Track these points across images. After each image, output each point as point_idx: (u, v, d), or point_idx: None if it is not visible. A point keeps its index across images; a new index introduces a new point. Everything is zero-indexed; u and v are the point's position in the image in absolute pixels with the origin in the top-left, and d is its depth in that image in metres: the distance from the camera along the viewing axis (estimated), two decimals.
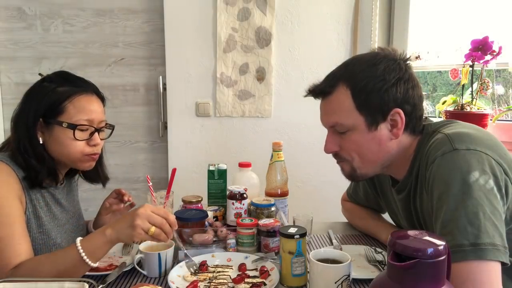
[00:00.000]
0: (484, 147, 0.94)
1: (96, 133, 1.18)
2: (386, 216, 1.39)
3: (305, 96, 1.14)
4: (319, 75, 1.15)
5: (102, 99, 1.24)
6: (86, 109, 1.16)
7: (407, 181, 1.10)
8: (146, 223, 1.00)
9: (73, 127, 1.13)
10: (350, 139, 1.07)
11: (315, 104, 1.15)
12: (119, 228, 1.02)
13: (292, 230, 1.06)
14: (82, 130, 1.15)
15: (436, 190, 0.94)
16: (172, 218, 1.05)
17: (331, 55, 2.44)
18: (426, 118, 1.15)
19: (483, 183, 0.89)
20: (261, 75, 2.44)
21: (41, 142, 1.15)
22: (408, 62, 1.07)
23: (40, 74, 1.21)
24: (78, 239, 1.01)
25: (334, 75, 1.09)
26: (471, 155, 0.92)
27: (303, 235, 1.05)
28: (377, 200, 1.36)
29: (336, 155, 1.14)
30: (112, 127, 1.26)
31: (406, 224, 1.20)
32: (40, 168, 1.13)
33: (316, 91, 1.11)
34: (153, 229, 1.00)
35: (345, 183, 1.39)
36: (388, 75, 1.02)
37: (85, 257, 0.99)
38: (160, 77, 2.49)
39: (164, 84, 2.49)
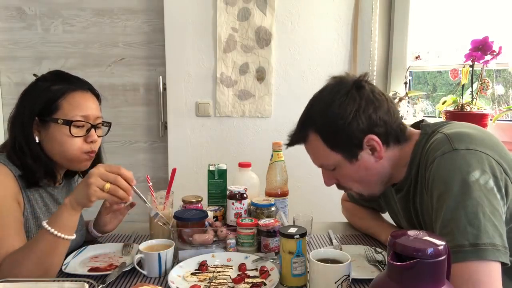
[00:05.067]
0: (484, 147, 0.94)
1: (93, 130, 1.18)
2: (386, 216, 1.39)
3: (286, 148, 1.20)
4: (319, 75, 1.16)
5: (97, 96, 1.24)
6: (81, 105, 1.16)
7: (406, 181, 1.11)
8: (100, 180, 1.00)
9: (68, 123, 1.13)
10: (340, 173, 1.12)
11: None
12: (76, 192, 1.02)
13: (292, 230, 1.06)
14: (78, 127, 1.15)
15: (435, 190, 0.94)
16: (127, 172, 1.04)
17: (331, 55, 2.44)
18: (423, 120, 1.16)
19: (482, 183, 0.89)
20: (261, 75, 2.45)
21: (37, 141, 1.15)
22: (362, 86, 1.06)
23: (34, 75, 1.22)
24: (44, 222, 1.01)
25: (302, 123, 1.14)
26: (471, 155, 0.92)
27: (303, 235, 1.05)
28: (377, 200, 1.36)
29: (338, 186, 1.19)
30: (109, 124, 1.26)
31: (406, 224, 1.20)
32: (36, 168, 1.13)
33: (293, 142, 1.17)
34: (108, 185, 1.01)
35: None
36: (344, 112, 1.04)
37: (57, 233, 1.00)
38: (160, 77, 2.50)
39: (164, 84, 2.50)
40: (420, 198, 1.07)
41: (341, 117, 1.04)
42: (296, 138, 1.16)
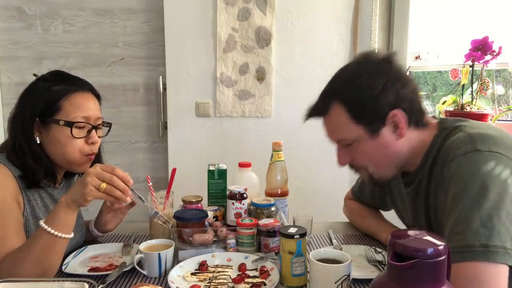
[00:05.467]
0: (506, 150, 0.93)
1: (94, 131, 1.18)
2: (387, 216, 1.39)
3: (305, 121, 1.15)
4: (319, 75, 1.16)
5: (97, 96, 1.24)
6: (82, 106, 1.16)
7: (416, 174, 1.10)
8: (96, 179, 1.00)
9: (70, 124, 1.13)
10: (358, 150, 1.08)
11: None
12: (72, 191, 1.02)
13: (292, 230, 1.06)
14: (79, 128, 1.15)
15: (453, 188, 0.94)
16: (122, 173, 1.04)
17: (331, 55, 2.44)
18: (433, 116, 1.14)
19: (501, 186, 0.88)
20: (261, 75, 2.45)
21: (38, 142, 1.15)
22: (391, 61, 1.06)
23: (34, 75, 1.22)
24: (41, 221, 1.02)
25: (326, 94, 1.10)
26: (492, 157, 0.91)
27: (303, 235, 1.05)
28: (383, 198, 1.35)
29: (351, 166, 1.15)
30: (109, 125, 1.26)
31: (411, 220, 1.19)
32: (36, 168, 1.13)
33: (313, 113, 1.13)
34: (103, 185, 1.00)
35: (345, 183, 1.39)
36: (373, 82, 1.02)
37: (54, 232, 1.00)
38: (160, 77, 2.50)
39: (164, 84, 2.50)
40: (435, 194, 1.05)
41: (369, 87, 1.02)
42: (316, 110, 1.11)
